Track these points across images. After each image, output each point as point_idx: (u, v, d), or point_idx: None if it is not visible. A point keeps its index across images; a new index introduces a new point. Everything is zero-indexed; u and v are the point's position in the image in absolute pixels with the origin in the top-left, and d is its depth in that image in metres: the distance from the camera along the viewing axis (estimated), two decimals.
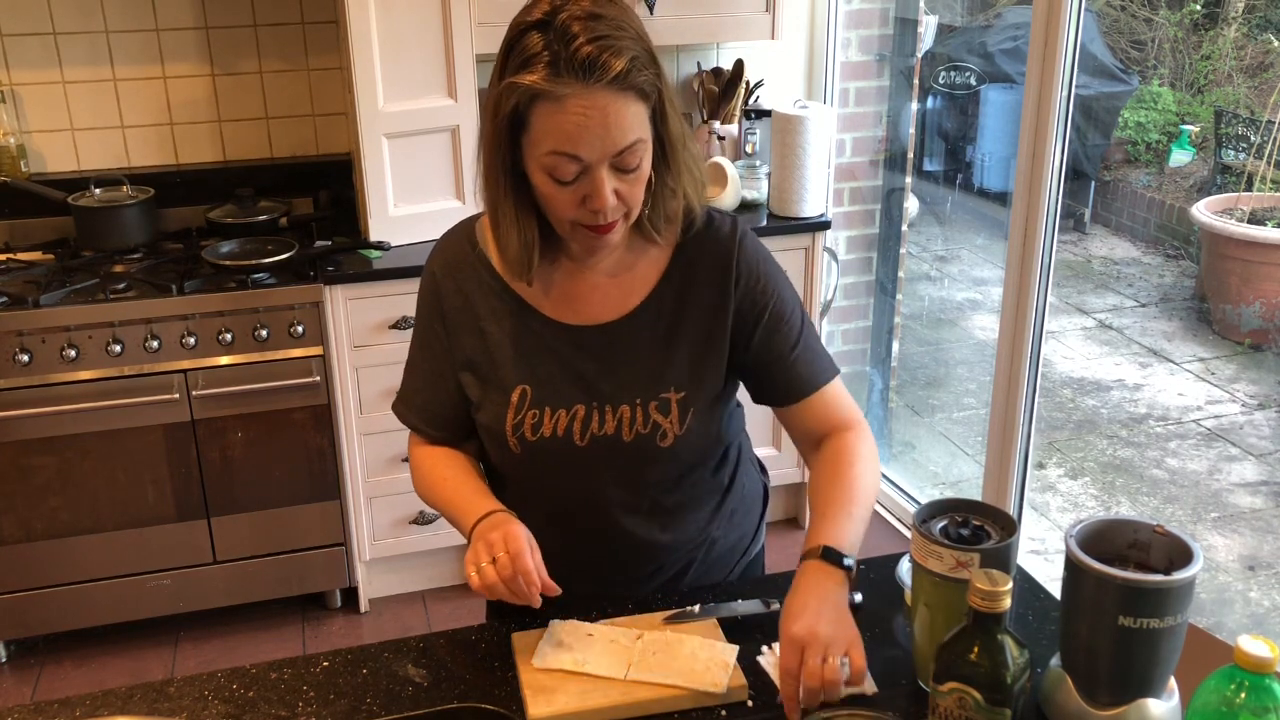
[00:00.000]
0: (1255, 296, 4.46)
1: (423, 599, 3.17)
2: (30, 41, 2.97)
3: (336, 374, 2.83)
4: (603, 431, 1.42)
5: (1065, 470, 3.96)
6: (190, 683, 1.33)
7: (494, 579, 1.29)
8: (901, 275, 3.77)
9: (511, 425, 1.42)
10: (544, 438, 1.42)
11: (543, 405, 1.41)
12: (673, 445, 1.43)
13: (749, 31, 3.15)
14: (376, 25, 2.72)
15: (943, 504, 1.29)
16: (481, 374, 1.45)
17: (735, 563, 1.62)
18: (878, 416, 3.97)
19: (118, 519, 2.80)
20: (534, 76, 1.23)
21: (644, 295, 1.43)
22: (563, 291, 1.43)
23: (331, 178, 3.23)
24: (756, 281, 1.44)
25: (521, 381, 1.42)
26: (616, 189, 1.29)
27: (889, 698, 1.27)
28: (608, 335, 1.42)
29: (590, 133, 1.24)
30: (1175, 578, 1.12)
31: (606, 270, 1.43)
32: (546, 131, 1.25)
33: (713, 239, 1.44)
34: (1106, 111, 5.38)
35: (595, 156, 1.26)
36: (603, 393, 1.42)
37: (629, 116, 1.26)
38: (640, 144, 1.28)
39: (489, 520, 1.36)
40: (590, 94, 1.23)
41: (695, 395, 1.43)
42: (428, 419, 1.52)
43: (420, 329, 1.51)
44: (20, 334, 2.61)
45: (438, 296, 1.47)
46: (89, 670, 2.88)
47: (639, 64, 1.25)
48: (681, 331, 1.43)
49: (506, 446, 1.44)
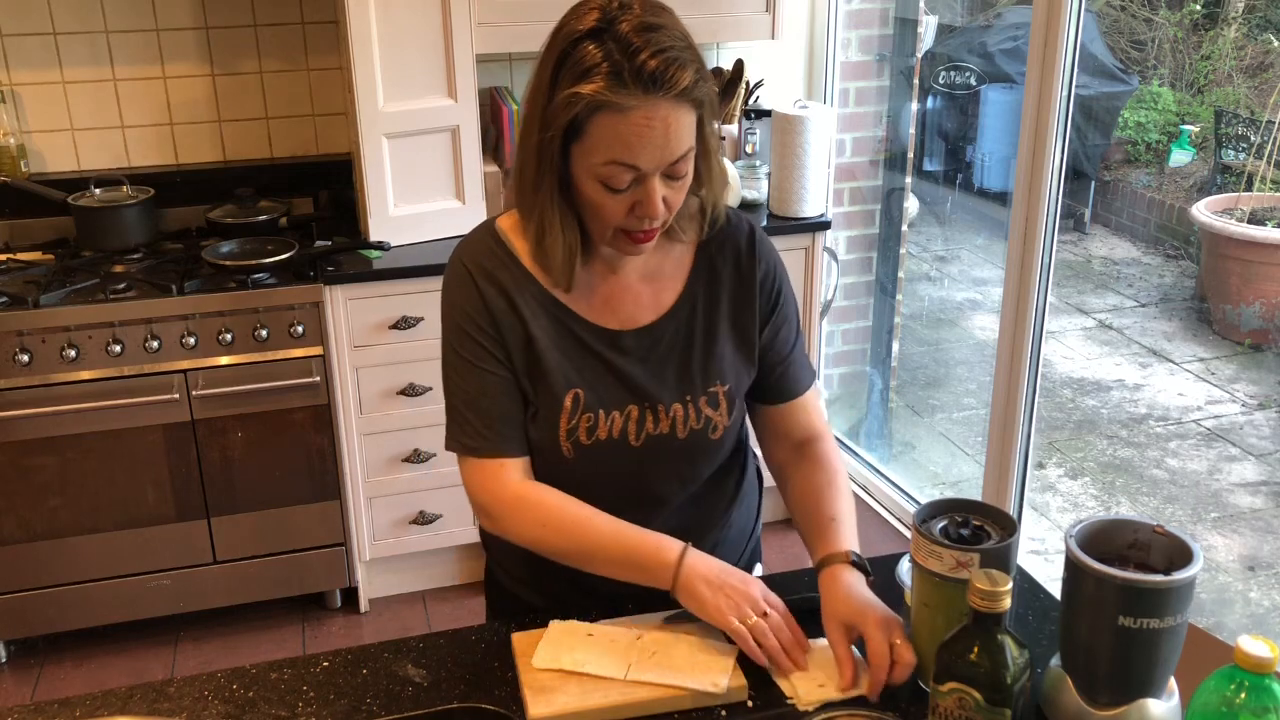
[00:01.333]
0: (1255, 296, 4.46)
1: (423, 599, 3.17)
2: (30, 41, 2.97)
3: (336, 374, 2.83)
4: (658, 431, 1.44)
5: (1065, 470, 3.96)
6: (190, 683, 1.33)
7: (775, 645, 1.30)
8: (901, 275, 3.77)
9: (565, 430, 1.41)
10: (599, 441, 1.42)
11: (595, 409, 1.42)
12: (721, 437, 1.47)
13: (749, 31, 3.15)
14: (376, 25, 2.72)
15: (943, 504, 1.29)
16: (533, 378, 1.42)
17: (745, 545, 1.65)
18: (878, 416, 3.97)
19: (118, 519, 2.80)
20: (595, 86, 1.24)
21: (676, 294, 1.46)
22: (599, 295, 1.44)
23: (331, 178, 3.23)
24: (773, 277, 1.50)
25: (572, 386, 1.41)
26: (664, 195, 1.32)
27: (889, 698, 1.27)
28: (649, 337, 1.44)
29: (651, 143, 1.26)
30: (1175, 578, 1.12)
31: (637, 272, 1.45)
32: (605, 141, 1.27)
33: (732, 235, 1.48)
34: (1106, 111, 5.38)
35: (652, 166, 1.28)
36: (653, 394, 1.43)
37: (685, 127, 1.29)
38: (691, 152, 1.31)
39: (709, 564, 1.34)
40: (653, 105, 1.25)
41: (738, 385, 1.48)
42: (513, 434, 1.42)
43: (468, 341, 1.41)
44: (20, 334, 2.61)
45: (483, 301, 1.40)
46: (89, 670, 2.88)
47: (701, 76, 1.28)
48: (718, 325, 1.46)
49: (558, 453, 1.42)
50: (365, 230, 2.93)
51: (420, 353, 2.88)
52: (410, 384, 2.90)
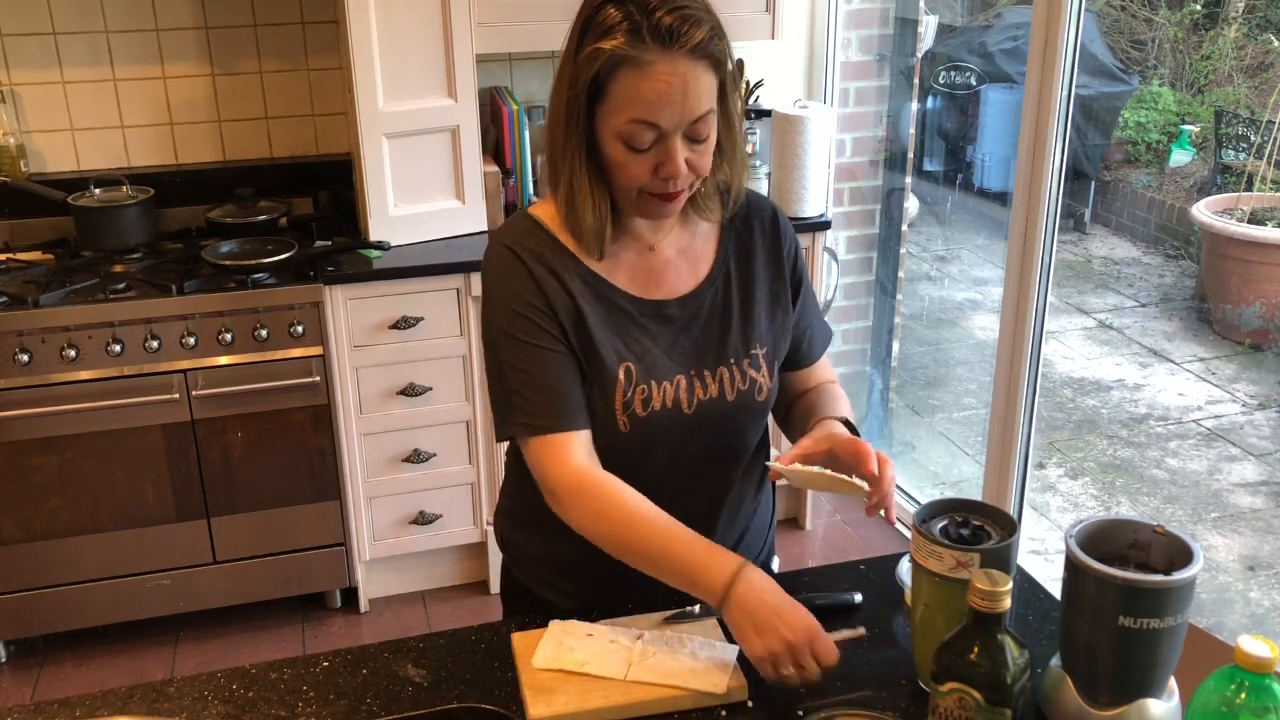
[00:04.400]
0: (1255, 296, 4.46)
1: (423, 599, 3.17)
2: (30, 41, 2.97)
3: (336, 374, 2.83)
4: (708, 396, 1.46)
5: (1065, 470, 3.96)
6: (190, 683, 1.33)
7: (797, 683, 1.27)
8: (901, 275, 3.77)
9: (622, 404, 1.42)
10: (654, 411, 1.43)
11: (648, 380, 1.43)
12: (765, 399, 1.50)
13: (749, 31, 3.15)
14: (376, 25, 2.72)
15: (943, 504, 1.29)
16: (587, 355, 1.42)
17: (765, 536, 1.66)
18: (878, 416, 3.97)
19: (118, 519, 2.80)
20: (615, 42, 1.28)
21: (710, 265, 1.50)
22: (639, 271, 1.47)
23: (331, 178, 3.23)
24: (795, 251, 1.56)
25: (624, 359, 1.43)
26: (688, 158, 1.34)
27: (889, 698, 1.27)
28: (689, 305, 1.47)
29: (671, 100, 1.29)
30: (1175, 578, 1.12)
31: (673, 248, 1.49)
32: (627, 99, 1.30)
33: (758, 211, 1.53)
34: (1106, 111, 5.38)
35: (672, 124, 1.31)
36: (699, 359, 1.46)
37: (705, 85, 1.31)
38: (711, 114, 1.34)
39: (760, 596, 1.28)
40: (672, 61, 1.28)
41: (775, 349, 1.52)
42: (582, 415, 1.41)
43: (518, 326, 1.40)
44: (20, 334, 2.61)
45: (533, 279, 1.40)
46: (89, 670, 2.88)
47: (716, 34, 1.31)
48: (753, 293, 1.50)
49: (614, 428, 1.43)
50: (365, 230, 2.93)
51: (420, 353, 2.88)
52: (410, 384, 2.90)
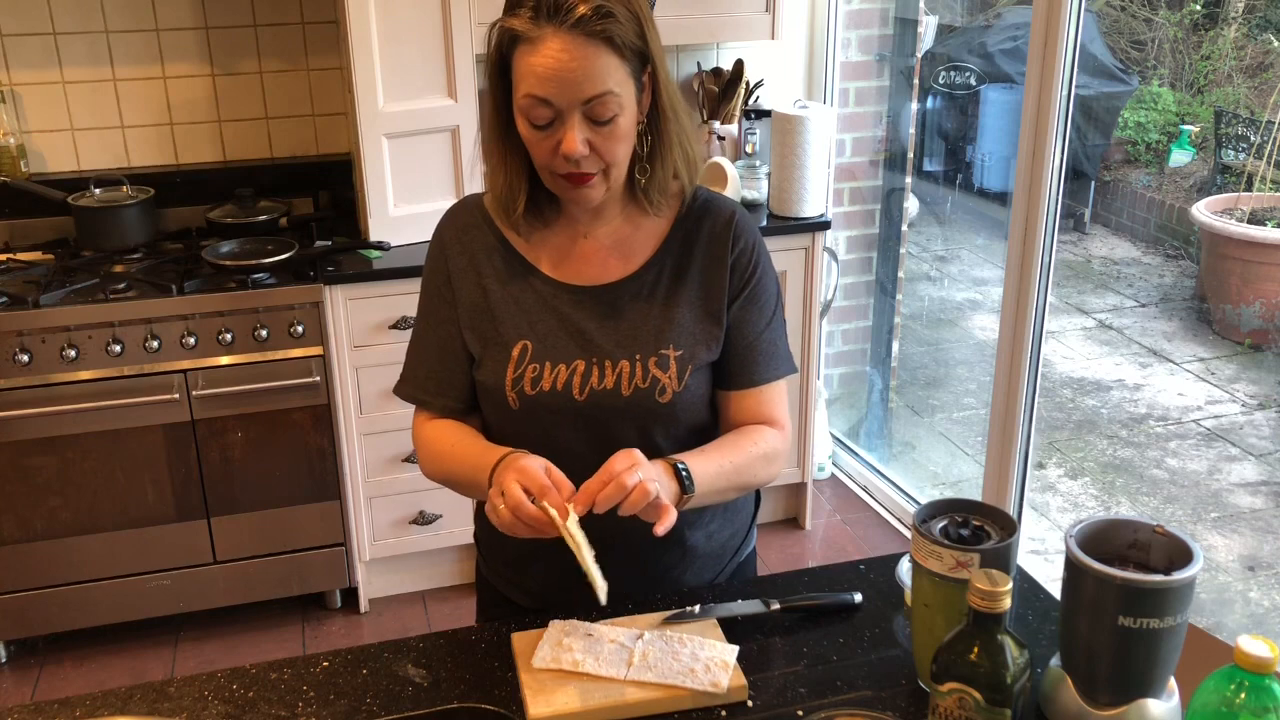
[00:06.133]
0: (1255, 296, 4.46)
1: (423, 599, 3.17)
2: (30, 41, 2.97)
3: (336, 374, 2.83)
4: (602, 386, 1.44)
5: (1065, 470, 3.96)
6: (190, 683, 1.33)
7: (508, 519, 1.27)
8: (901, 275, 3.77)
9: (511, 380, 1.44)
10: (543, 392, 1.44)
11: (543, 360, 1.44)
12: (671, 402, 1.45)
13: (749, 31, 3.15)
14: (376, 25, 2.73)
15: (943, 504, 1.29)
16: (483, 331, 1.47)
17: (727, 562, 1.62)
18: (878, 416, 3.97)
19: (118, 519, 2.80)
20: (515, 20, 1.31)
21: (644, 260, 1.48)
22: (566, 255, 1.48)
23: (331, 178, 3.23)
24: (750, 257, 1.49)
25: (522, 337, 1.45)
26: (590, 140, 1.34)
27: (889, 698, 1.27)
28: (609, 295, 1.47)
29: (559, 77, 1.30)
30: (1175, 578, 1.12)
31: (607, 238, 1.49)
32: (521, 74, 1.32)
33: (713, 215, 1.50)
34: (1106, 111, 5.38)
35: (565, 102, 1.31)
36: (602, 349, 1.45)
37: (599, 66, 1.31)
38: (611, 97, 1.32)
39: (502, 463, 1.35)
40: (558, 36, 1.29)
41: (693, 354, 1.46)
42: (435, 387, 1.51)
43: (426, 300, 1.53)
44: (20, 334, 2.61)
45: (444, 256, 1.50)
46: (89, 670, 2.88)
47: (611, 17, 1.30)
48: (682, 294, 1.47)
49: (505, 404, 1.46)
50: (365, 230, 2.93)
51: None
52: None
